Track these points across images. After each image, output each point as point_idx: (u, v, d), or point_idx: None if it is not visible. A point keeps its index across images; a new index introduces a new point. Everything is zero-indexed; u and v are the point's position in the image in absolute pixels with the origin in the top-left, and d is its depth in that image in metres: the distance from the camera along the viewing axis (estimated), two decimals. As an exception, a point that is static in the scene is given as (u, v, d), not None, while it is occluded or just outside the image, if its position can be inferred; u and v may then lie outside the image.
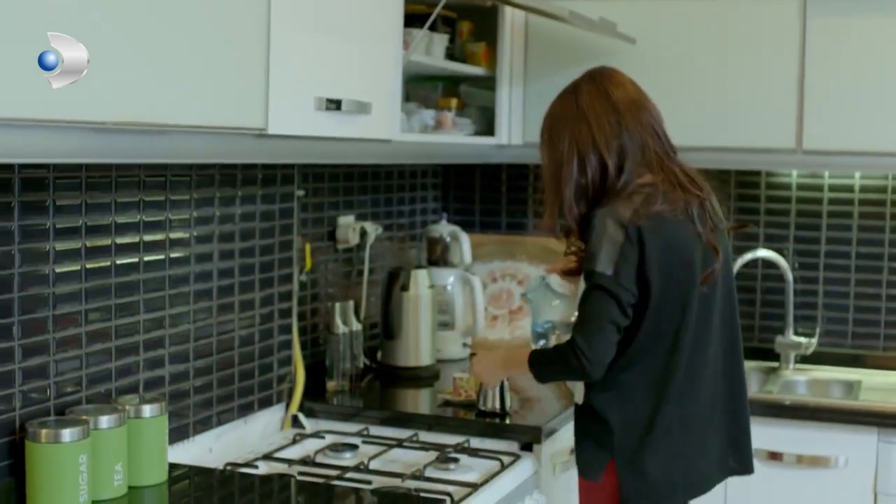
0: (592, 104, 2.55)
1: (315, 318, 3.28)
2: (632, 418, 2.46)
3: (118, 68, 1.80)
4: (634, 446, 2.45)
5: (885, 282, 3.70)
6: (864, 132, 3.34)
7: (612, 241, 2.40)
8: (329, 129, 2.45)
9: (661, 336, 2.44)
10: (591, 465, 2.51)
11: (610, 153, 2.49)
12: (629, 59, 3.50)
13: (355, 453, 2.72)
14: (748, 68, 3.43)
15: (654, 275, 2.40)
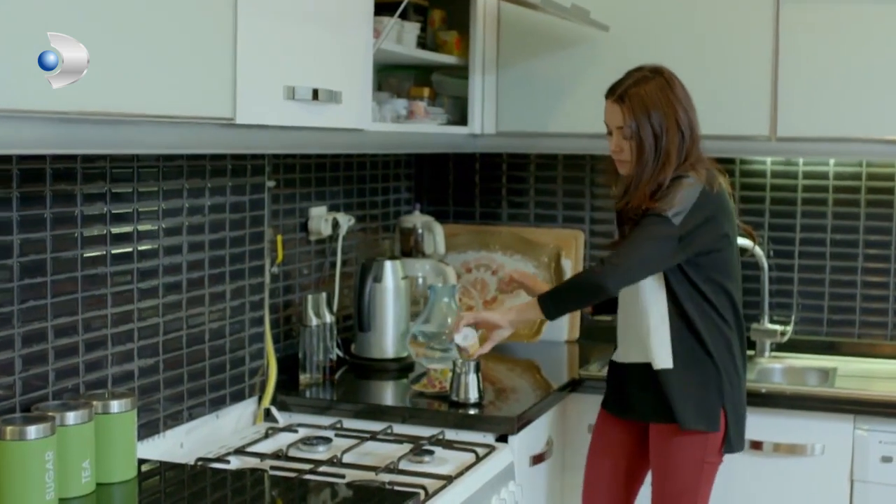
0: (685, 94, 2.90)
1: (288, 311, 3.25)
2: (728, 367, 2.85)
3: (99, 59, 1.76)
4: (736, 392, 2.86)
5: (860, 268, 3.69)
6: (837, 119, 3.33)
7: (688, 199, 2.77)
8: (299, 118, 2.42)
9: (730, 295, 2.86)
10: (711, 415, 2.82)
11: (698, 135, 2.89)
12: (602, 46, 3.49)
13: (328, 447, 2.69)
14: (722, 56, 3.41)
15: (725, 236, 2.83)
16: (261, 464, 2.56)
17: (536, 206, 4.00)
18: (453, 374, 2.96)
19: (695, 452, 2.83)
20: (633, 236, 2.78)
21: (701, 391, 2.81)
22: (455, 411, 2.90)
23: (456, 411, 2.90)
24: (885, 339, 3.68)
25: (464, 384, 2.93)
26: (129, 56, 1.87)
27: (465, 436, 2.79)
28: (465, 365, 2.94)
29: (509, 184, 4.03)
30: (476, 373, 2.95)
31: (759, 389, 3.25)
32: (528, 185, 4.01)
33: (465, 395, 2.93)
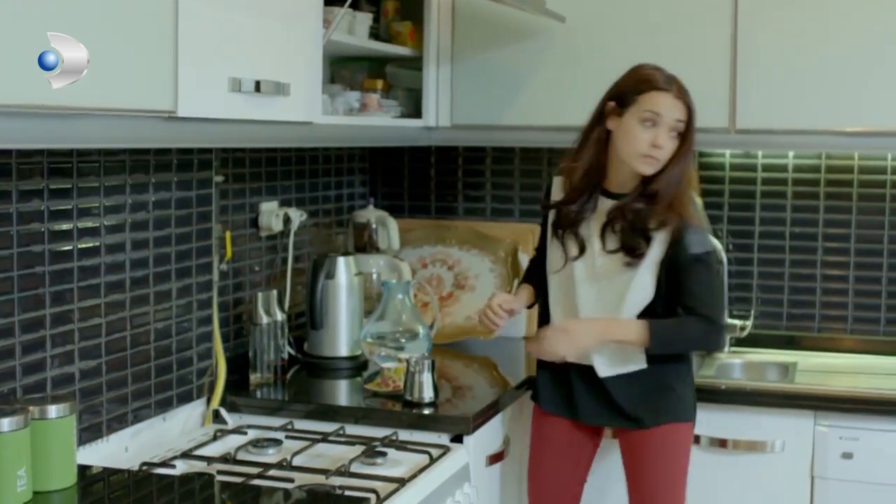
0: None
1: (238, 309, 3.17)
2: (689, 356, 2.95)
3: (14, 47, 1.67)
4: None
5: (820, 262, 3.66)
6: (797, 111, 3.28)
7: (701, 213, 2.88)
8: (244, 111, 2.34)
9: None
10: (691, 407, 2.88)
11: None
12: (559, 37, 3.43)
13: (278, 449, 2.61)
14: (680, 47, 3.35)
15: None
16: (208, 468, 2.48)
17: (493, 200, 3.94)
18: (407, 373, 2.89)
19: (687, 442, 2.87)
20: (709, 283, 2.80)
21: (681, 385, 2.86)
22: (409, 411, 2.83)
23: (410, 411, 2.83)
24: (845, 333, 3.65)
25: (418, 383, 2.86)
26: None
27: (419, 436, 2.72)
28: (419, 364, 2.87)
29: (465, 177, 3.97)
30: (431, 371, 2.88)
31: (719, 385, 3.21)
32: (485, 179, 3.95)
33: (420, 394, 2.86)
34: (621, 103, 2.77)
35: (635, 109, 2.73)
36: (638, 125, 2.73)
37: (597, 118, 2.82)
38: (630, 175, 2.79)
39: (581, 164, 2.84)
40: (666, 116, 2.72)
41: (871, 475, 3.03)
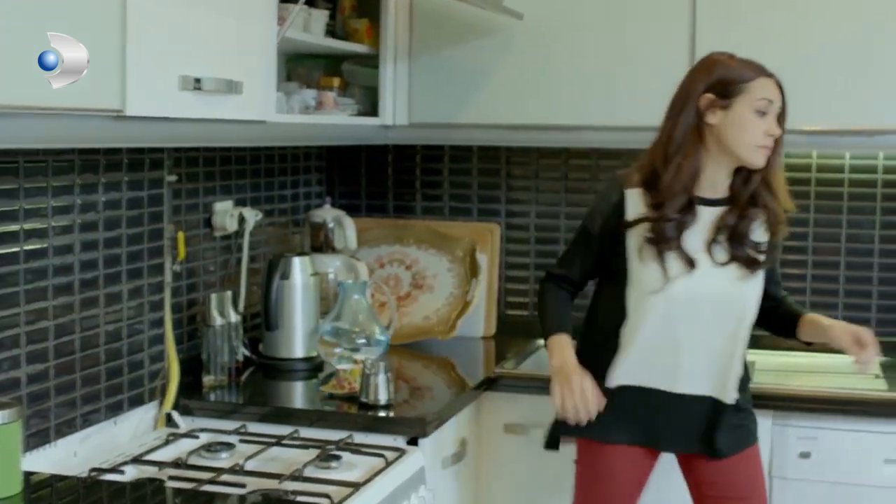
0: None
1: (192, 310, 3.12)
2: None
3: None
4: None
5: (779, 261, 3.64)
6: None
7: None
8: (195, 110, 2.30)
9: None
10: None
11: None
12: (516, 35, 3.41)
13: (231, 453, 2.57)
14: (639, 44, 3.35)
15: None
16: (159, 473, 2.43)
17: (451, 199, 3.91)
18: (363, 375, 2.85)
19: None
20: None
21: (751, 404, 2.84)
22: (364, 413, 2.80)
23: (365, 413, 2.80)
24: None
25: (374, 385, 2.83)
26: (8, 43, 1.74)
27: (374, 439, 2.68)
28: (374, 365, 2.84)
29: (423, 176, 3.93)
30: (386, 373, 2.84)
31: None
32: (443, 178, 3.91)
33: (376, 396, 2.82)
34: (725, 94, 2.58)
35: (746, 98, 2.58)
36: (752, 114, 2.58)
37: (692, 115, 2.60)
38: (725, 174, 2.64)
39: (677, 169, 2.59)
40: (776, 103, 2.61)
41: (828, 474, 3.02)
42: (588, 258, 2.77)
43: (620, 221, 2.66)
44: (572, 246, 2.83)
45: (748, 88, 2.58)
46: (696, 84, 2.62)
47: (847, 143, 3.34)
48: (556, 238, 3.80)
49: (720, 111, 2.59)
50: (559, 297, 2.82)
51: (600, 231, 2.71)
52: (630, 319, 2.66)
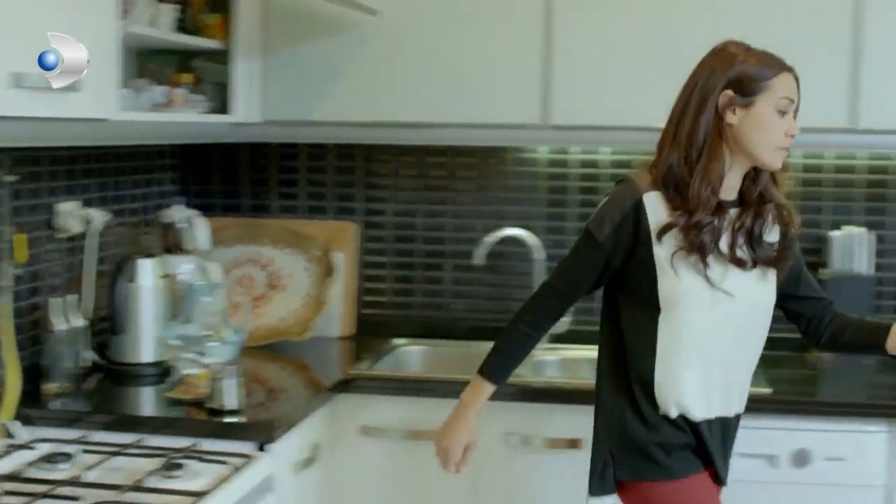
0: None
1: (35, 315, 3.01)
2: None
3: None
4: None
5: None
6: (612, 106, 3.29)
7: None
8: (28, 108, 2.21)
9: None
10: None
11: None
12: (372, 31, 3.37)
13: (71, 464, 2.47)
14: (493, 42, 3.34)
15: None
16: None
17: (308, 197, 3.85)
18: (211, 379, 2.78)
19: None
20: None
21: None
22: (212, 419, 2.73)
23: (213, 419, 2.73)
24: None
25: (222, 389, 2.76)
26: None
27: (221, 445, 2.61)
28: (223, 369, 2.77)
29: (279, 174, 3.87)
30: (236, 377, 2.78)
31: (533, 384, 3.18)
32: (299, 176, 3.85)
33: (224, 401, 2.76)
34: (746, 92, 2.38)
35: (769, 96, 2.37)
36: (773, 114, 2.38)
37: (712, 113, 2.39)
38: (739, 176, 2.45)
39: (705, 172, 2.38)
40: (796, 101, 2.42)
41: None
42: (589, 271, 2.49)
43: (637, 230, 2.40)
44: (570, 258, 2.54)
45: (770, 86, 2.38)
46: (715, 80, 2.39)
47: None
48: (413, 236, 3.78)
49: (740, 110, 2.38)
50: (525, 345, 2.63)
51: (610, 239, 2.43)
52: (679, 343, 2.42)
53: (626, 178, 2.50)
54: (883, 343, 2.55)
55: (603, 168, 3.68)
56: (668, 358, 2.43)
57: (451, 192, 3.76)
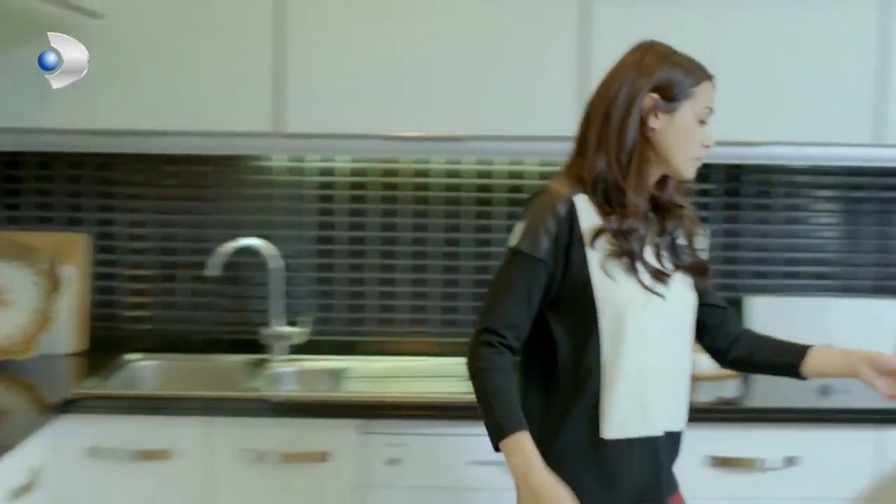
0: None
1: None
2: None
3: None
4: None
5: (378, 266, 3.67)
6: (348, 115, 3.26)
7: None
8: None
9: None
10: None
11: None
12: (96, 35, 3.23)
13: None
14: (225, 49, 3.26)
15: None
16: None
17: (36, 207, 3.67)
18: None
19: None
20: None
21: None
22: None
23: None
24: (399, 335, 3.68)
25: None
26: None
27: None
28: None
29: (5, 184, 3.67)
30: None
31: (269, 398, 3.12)
32: (26, 186, 3.67)
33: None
34: (670, 97, 2.28)
35: (692, 104, 2.29)
36: (695, 122, 2.29)
37: (638, 116, 2.28)
38: (653, 183, 2.36)
39: (639, 176, 2.29)
40: (713, 111, 2.35)
41: (418, 480, 3.03)
42: (536, 294, 2.28)
43: (571, 235, 2.27)
44: (509, 287, 2.29)
45: (694, 94, 2.29)
46: (641, 81, 2.28)
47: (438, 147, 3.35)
48: (147, 248, 3.65)
49: (663, 115, 2.28)
50: (509, 380, 2.27)
51: (549, 253, 2.27)
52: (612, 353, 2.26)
53: (544, 188, 2.33)
54: (798, 365, 2.44)
55: (341, 176, 3.64)
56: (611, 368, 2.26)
57: (186, 201, 3.65)
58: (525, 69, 3.27)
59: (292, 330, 3.55)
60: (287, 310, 3.61)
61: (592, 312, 2.26)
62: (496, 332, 2.27)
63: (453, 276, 3.68)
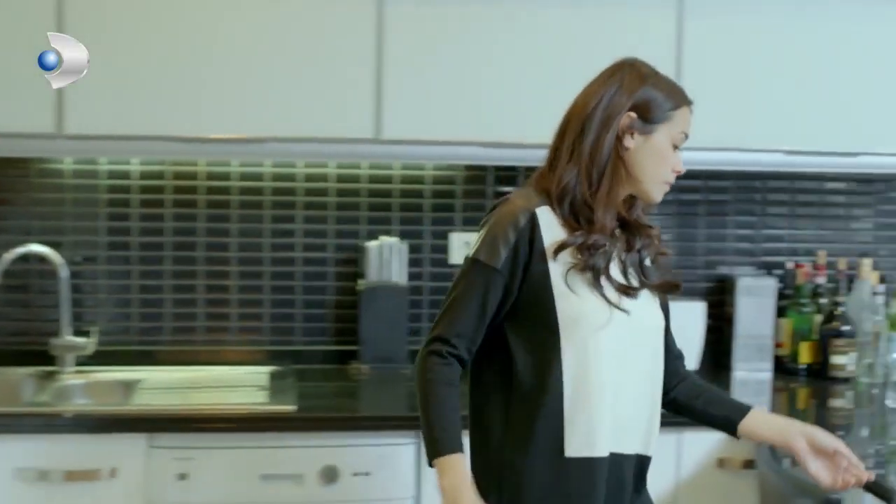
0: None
1: None
2: None
3: None
4: None
5: (171, 272, 3.54)
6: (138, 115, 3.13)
7: None
8: None
9: None
10: None
11: None
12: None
13: None
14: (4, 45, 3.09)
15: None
16: None
17: None
18: None
19: None
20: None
21: None
22: None
23: None
24: (197, 344, 3.56)
25: None
26: None
27: None
28: None
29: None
30: None
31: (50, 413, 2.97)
32: None
33: None
34: (648, 118, 2.23)
35: (669, 128, 2.25)
36: (669, 146, 2.25)
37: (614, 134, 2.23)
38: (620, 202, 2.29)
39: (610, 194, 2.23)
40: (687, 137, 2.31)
41: (209, 495, 2.91)
42: (492, 305, 2.21)
43: (532, 248, 2.20)
44: (464, 296, 2.22)
45: (672, 117, 2.25)
46: (622, 99, 2.23)
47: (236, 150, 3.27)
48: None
49: (639, 136, 2.23)
50: (453, 395, 2.21)
51: (507, 263, 2.20)
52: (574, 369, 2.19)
53: (507, 198, 2.27)
54: (736, 423, 2.38)
55: (133, 180, 3.51)
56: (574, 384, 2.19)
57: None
58: (322, 70, 3.19)
59: (82, 340, 3.40)
60: (79, 319, 3.46)
61: (553, 326, 2.20)
62: (447, 341, 2.21)
63: (252, 282, 3.58)
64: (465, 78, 3.22)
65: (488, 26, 3.22)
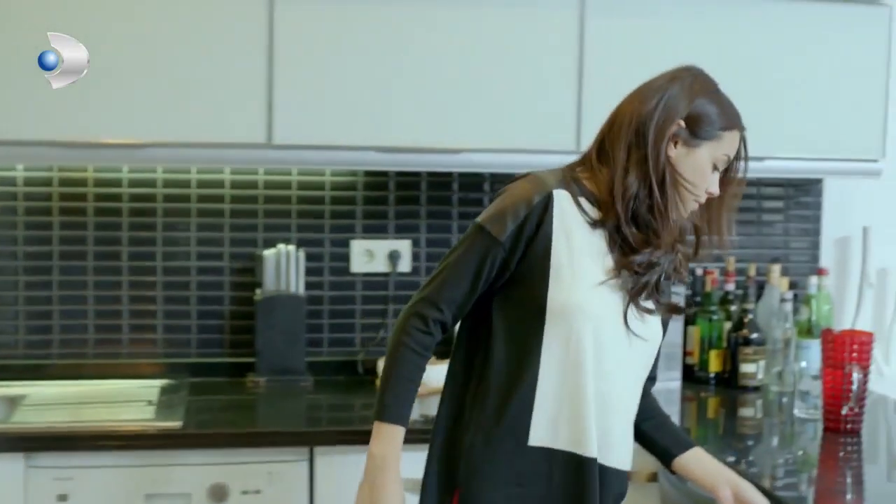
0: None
1: None
2: None
3: None
4: None
5: (60, 283, 3.40)
6: (16, 119, 3.00)
7: None
8: None
9: None
10: None
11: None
12: None
13: None
14: None
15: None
16: None
17: None
18: None
19: None
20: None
21: None
22: None
23: None
24: (88, 357, 3.43)
25: None
26: None
27: None
28: None
29: None
30: None
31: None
32: None
33: None
34: (697, 132, 2.15)
35: (714, 147, 2.16)
36: (709, 165, 2.16)
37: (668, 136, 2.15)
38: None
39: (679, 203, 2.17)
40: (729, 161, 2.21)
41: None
42: (486, 274, 2.14)
43: (538, 229, 2.11)
44: (462, 260, 2.15)
45: (721, 137, 2.17)
46: (681, 104, 2.15)
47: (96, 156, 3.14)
48: None
49: (685, 147, 2.15)
50: (420, 367, 2.17)
51: (511, 238, 2.12)
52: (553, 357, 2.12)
53: (529, 173, 2.19)
54: (674, 456, 2.34)
55: (18, 186, 3.37)
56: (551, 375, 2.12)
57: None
58: (213, 73, 3.07)
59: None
60: (-36, 333, 3.32)
61: (540, 311, 2.12)
62: (435, 304, 2.15)
63: (145, 292, 3.45)
64: (361, 81, 3.11)
65: (385, 28, 3.13)
